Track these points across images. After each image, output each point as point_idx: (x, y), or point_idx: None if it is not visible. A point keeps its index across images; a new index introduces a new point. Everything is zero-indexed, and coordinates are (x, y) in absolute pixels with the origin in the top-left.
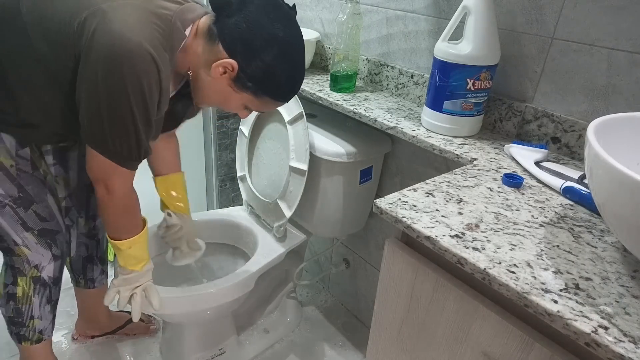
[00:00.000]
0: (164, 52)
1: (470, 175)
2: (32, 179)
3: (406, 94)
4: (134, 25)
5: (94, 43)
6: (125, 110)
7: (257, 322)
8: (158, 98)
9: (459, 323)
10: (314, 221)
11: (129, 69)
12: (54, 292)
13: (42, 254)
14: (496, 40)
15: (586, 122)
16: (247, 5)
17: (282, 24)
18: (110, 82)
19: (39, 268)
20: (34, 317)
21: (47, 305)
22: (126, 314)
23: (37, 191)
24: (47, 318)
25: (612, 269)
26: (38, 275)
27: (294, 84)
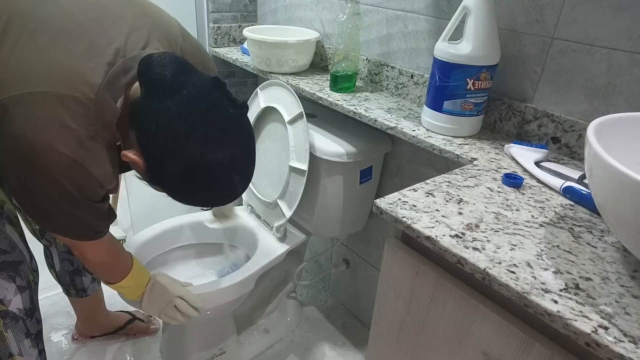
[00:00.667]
0: (85, 142)
1: (470, 175)
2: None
3: (406, 94)
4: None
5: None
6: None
7: (257, 322)
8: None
9: (459, 323)
10: (314, 221)
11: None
12: (30, 325)
13: (6, 287)
14: (496, 40)
15: (586, 122)
16: (175, 95)
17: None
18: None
19: (4, 302)
20: (13, 354)
21: (25, 340)
22: (126, 314)
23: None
24: (31, 354)
25: (612, 269)
26: (5, 310)
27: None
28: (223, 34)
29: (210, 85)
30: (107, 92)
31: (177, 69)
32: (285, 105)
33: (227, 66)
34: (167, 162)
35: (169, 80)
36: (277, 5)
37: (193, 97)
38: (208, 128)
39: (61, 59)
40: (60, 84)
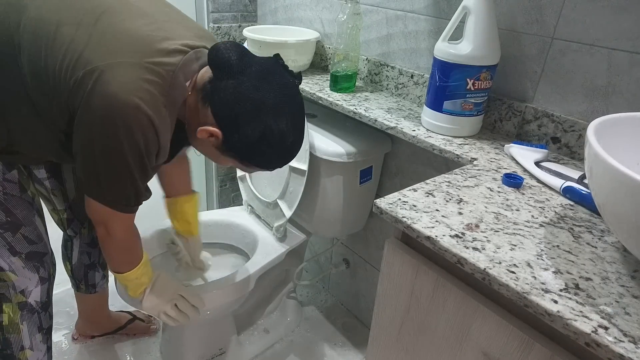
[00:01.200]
0: (162, 109)
1: (470, 175)
2: (20, 201)
3: (406, 94)
4: (130, 86)
5: (90, 104)
6: (122, 167)
7: (257, 322)
8: (155, 153)
9: (459, 323)
10: (314, 221)
11: (126, 130)
12: (44, 320)
13: (30, 277)
14: (496, 40)
15: (586, 122)
16: (245, 71)
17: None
18: (106, 142)
19: (25, 293)
20: (25, 348)
21: (37, 334)
22: (126, 314)
23: (26, 214)
24: (40, 349)
25: (612, 269)
26: (24, 301)
27: (284, 157)
28: (223, 34)
29: (272, 61)
30: (181, 73)
31: (241, 53)
32: None
33: None
34: (244, 128)
35: (237, 61)
36: (277, 5)
37: (261, 71)
38: (278, 95)
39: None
40: (147, 57)
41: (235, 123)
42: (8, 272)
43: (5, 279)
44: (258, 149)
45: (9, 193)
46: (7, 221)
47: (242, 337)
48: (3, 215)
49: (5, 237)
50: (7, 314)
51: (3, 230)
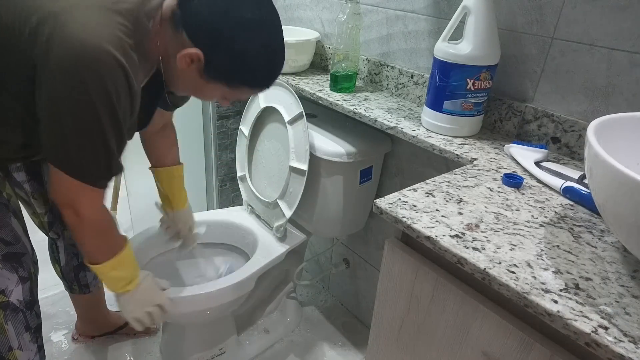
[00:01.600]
0: (131, 53)
1: (470, 175)
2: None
3: (406, 94)
4: (94, 27)
5: (50, 52)
6: (92, 124)
7: (257, 322)
8: (129, 105)
9: (459, 323)
10: (314, 221)
11: (94, 77)
12: (30, 319)
13: (8, 277)
14: (496, 40)
15: (586, 122)
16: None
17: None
18: (73, 93)
19: (5, 293)
20: (13, 348)
21: (25, 334)
22: None
23: (1, 216)
24: (30, 349)
25: (612, 269)
26: (6, 301)
27: (271, 70)
28: None
29: None
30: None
31: None
32: (285, 105)
33: None
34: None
35: None
36: (277, 5)
37: None
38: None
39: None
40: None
41: (217, 39)
42: None
43: None
44: (244, 64)
45: None
46: None
47: (242, 337)
48: None
49: None
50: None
51: None
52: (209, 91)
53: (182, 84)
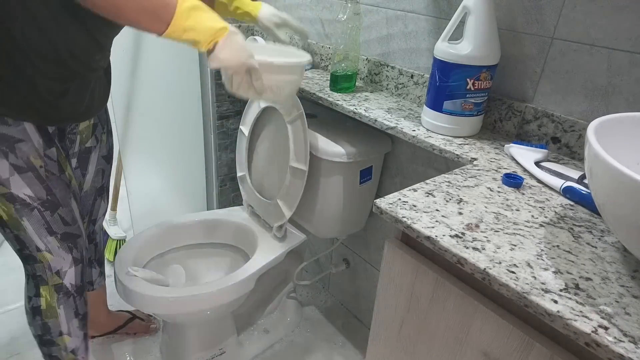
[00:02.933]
0: None
1: (470, 175)
2: (59, 182)
3: (406, 94)
4: None
5: None
6: None
7: (257, 322)
8: None
9: (459, 323)
10: (314, 221)
11: None
12: (79, 305)
13: (64, 257)
14: (496, 40)
15: (586, 122)
16: None
17: None
18: None
19: (60, 274)
20: (63, 334)
21: (74, 319)
22: (126, 313)
23: (63, 194)
24: (78, 335)
25: (612, 269)
26: (60, 283)
27: None
28: None
29: None
30: None
31: None
32: (285, 105)
33: None
34: None
35: None
36: (278, 5)
37: None
38: None
39: None
40: None
41: None
42: (44, 252)
43: (42, 259)
44: None
45: (50, 171)
46: (47, 200)
47: (242, 337)
48: (44, 194)
49: (44, 215)
50: (44, 298)
51: (44, 209)
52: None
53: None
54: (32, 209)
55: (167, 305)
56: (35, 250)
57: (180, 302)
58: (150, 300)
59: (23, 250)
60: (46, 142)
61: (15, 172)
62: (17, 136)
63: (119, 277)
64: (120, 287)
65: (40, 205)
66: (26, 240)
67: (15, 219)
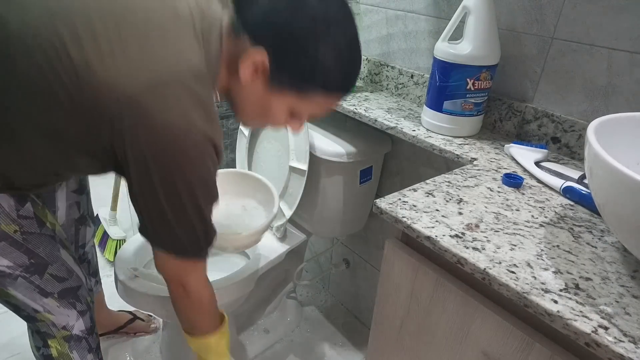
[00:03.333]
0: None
1: (470, 175)
2: (41, 238)
3: (406, 94)
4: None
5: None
6: (191, 207)
7: (257, 322)
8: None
9: (459, 323)
10: (314, 221)
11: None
12: (92, 341)
13: (67, 314)
14: (496, 40)
15: (586, 122)
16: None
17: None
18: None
19: (67, 328)
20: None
21: (89, 355)
22: (126, 313)
23: (49, 250)
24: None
25: (612, 269)
26: (69, 334)
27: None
28: None
29: None
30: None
31: None
32: None
33: None
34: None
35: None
36: None
37: None
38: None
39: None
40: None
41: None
42: (44, 314)
43: (43, 319)
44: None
45: (27, 231)
46: (31, 264)
47: (242, 337)
48: (26, 259)
49: (32, 280)
50: (54, 348)
51: (29, 274)
52: (276, 106)
53: (250, 104)
54: (16, 278)
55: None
56: (33, 312)
57: None
58: (150, 300)
59: (20, 312)
60: (18, 200)
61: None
62: None
63: (119, 277)
64: (120, 287)
65: (25, 271)
66: (20, 305)
67: (1, 290)
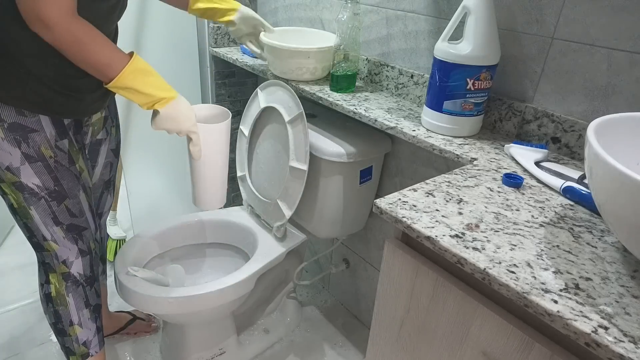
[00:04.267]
0: None
1: (470, 175)
2: (68, 173)
3: (406, 94)
4: None
5: None
6: None
7: (257, 322)
8: None
9: (459, 323)
10: (314, 221)
11: None
12: (90, 295)
13: (69, 247)
14: (496, 40)
15: (586, 122)
16: None
17: None
18: None
19: (67, 263)
20: (74, 323)
21: (85, 310)
22: (126, 314)
23: (71, 186)
24: (89, 327)
25: (612, 269)
26: (67, 272)
27: None
28: (223, 34)
29: None
30: None
31: None
32: (285, 106)
33: (227, 66)
34: None
35: None
36: (277, 5)
37: None
38: None
39: None
40: None
41: None
42: (50, 242)
43: (49, 248)
44: None
45: (59, 162)
46: (54, 190)
47: (242, 337)
48: (52, 184)
49: (51, 205)
50: (54, 285)
51: (51, 199)
52: None
53: None
54: (40, 198)
55: (167, 305)
56: (42, 239)
57: (180, 302)
58: (150, 301)
59: (32, 237)
60: (59, 133)
61: (26, 162)
62: (32, 126)
63: (119, 277)
64: (120, 287)
65: (48, 195)
66: (34, 228)
67: (24, 207)
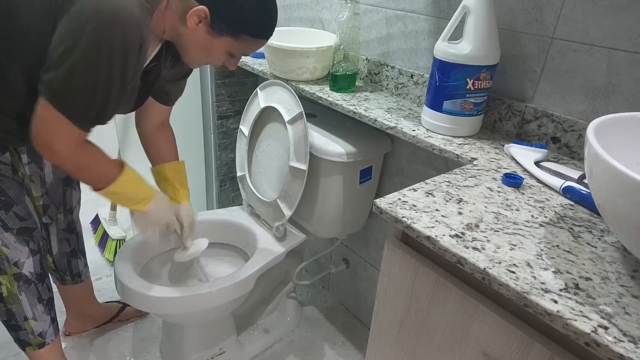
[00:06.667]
0: (147, 16)
1: (470, 175)
2: (12, 182)
3: (406, 94)
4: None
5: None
6: (103, 68)
7: (257, 322)
8: (137, 62)
9: (458, 323)
10: (314, 221)
11: (117, 29)
12: (42, 290)
13: (20, 250)
14: (496, 40)
15: (586, 122)
16: None
17: None
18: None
19: (18, 264)
20: (28, 319)
21: (38, 305)
22: (116, 303)
23: (17, 193)
24: (44, 319)
25: (612, 268)
26: (19, 272)
27: (269, 17)
28: None
29: None
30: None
31: None
32: (285, 105)
33: None
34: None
35: None
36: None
37: None
38: None
39: None
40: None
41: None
42: (1, 247)
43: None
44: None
45: (3, 174)
46: (1, 200)
47: (242, 337)
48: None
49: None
50: (5, 286)
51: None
52: (217, 48)
53: (194, 46)
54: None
55: (167, 305)
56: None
57: (180, 302)
58: (150, 300)
59: None
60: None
61: None
62: None
63: (119, 277)
64: (120, 287)
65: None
66: None
67: None
